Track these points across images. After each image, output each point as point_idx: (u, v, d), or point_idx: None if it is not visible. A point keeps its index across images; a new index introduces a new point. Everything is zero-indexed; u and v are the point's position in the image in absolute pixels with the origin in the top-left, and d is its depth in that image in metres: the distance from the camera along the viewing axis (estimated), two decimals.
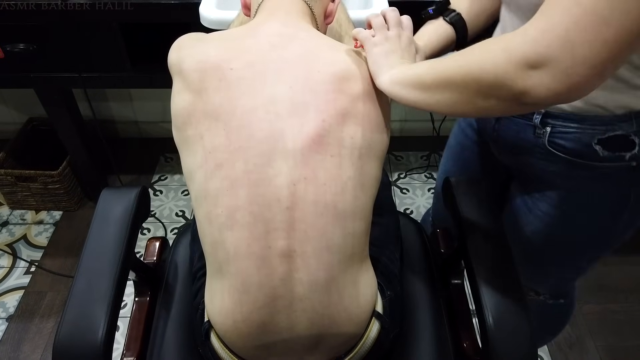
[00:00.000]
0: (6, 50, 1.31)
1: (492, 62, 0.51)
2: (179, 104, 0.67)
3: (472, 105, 0.56)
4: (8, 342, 1.48)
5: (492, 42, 0.53)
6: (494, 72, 0.51)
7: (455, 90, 0.56)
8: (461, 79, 0.55)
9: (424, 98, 0.60)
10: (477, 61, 0.53)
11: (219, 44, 0.68)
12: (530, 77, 0.48)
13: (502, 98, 0.52)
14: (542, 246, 0.91)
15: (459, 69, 0.56)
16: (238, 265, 0.62)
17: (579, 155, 0.75)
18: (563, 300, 1.08)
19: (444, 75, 0.58)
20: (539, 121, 0.76)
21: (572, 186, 0.81)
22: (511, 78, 0.49)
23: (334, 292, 0.63)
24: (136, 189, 0.81)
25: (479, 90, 0.54)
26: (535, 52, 0.47)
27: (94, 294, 0.69)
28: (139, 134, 2.15)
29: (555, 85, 0.47)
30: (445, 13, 0.85)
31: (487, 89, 0.53)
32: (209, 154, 0.62)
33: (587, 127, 0.72)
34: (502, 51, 0.50)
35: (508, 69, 0.49)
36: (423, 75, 0.61)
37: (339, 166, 0.62)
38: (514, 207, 0.93)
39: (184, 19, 1.21)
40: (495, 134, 0.87)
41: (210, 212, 0.63)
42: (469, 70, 0.54)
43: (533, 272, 0.99)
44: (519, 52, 0.49)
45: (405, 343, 0.80)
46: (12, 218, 1.84)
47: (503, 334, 0.68)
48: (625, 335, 1.49)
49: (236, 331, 0.64)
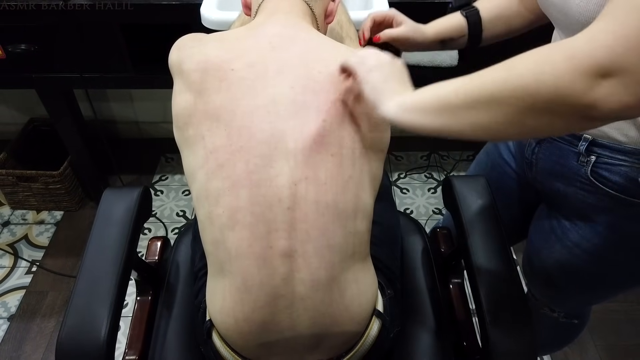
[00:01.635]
0: (7, 51, 1.31)
1: (552, 73, 0.44)
2: (180, 104, 0.67)
3: (518, 125, 0.48)
4: (10, 341, 1.48)
5: (546, 50, 0.46)
6: (555, 83, 0.44)
7: (498, 110, 0.48)
8: (509, 94, 0.47)
9: (454, 123, 0.52)
10: (531, 72, 0.45)
11: (219, 44, 0.68)
12: (600, 88, 0.42)
13: (561, 114, 0.45)
14: (566, 275, 0.87)
15: (504, 83, 0.47)
16: (239, 265, 0.62)
17: (622, 190, 0.70)
18: (577, 321, 1.06)
19: (483, 92, 0.49)
20: (584, 149, 0.71)
21: (609, 222, 0.76)
22: (578, 89, 0.43)
23: (335, 291, 0.63)
24: (138, 189, 0.82)
25: (532, 107, 0.46)
26: (610, 59, 0.42)
27: (96, 293, 0.70)
28: (140, 134, 2.15)
29: (627, 98, 0.42)
30: (465, 8, 0.86)
31: (543, 105, 0.45)
32: (210, 154, 0.63)
33: (636, 161, 0.67)
34: (566, 60, 0.43)
35: (575, 79, 0.43)
36: (450, 96, 0.52)
37: (340, 166, 0.63)
38: (542, 231, 0.89)
39: (185, 20, 1.22)
40: (533, 157, 0.82)
41: (211, 212, 0.63)
42: (520, 84, 0.46)
43: (553, 294, 0.97)
44: (588, 59, 0.42)
45: (405, 342, 0.80)
46: (13, 218, 1.84)
47: (503, 332, 0.68)
48: (624, 334, 1.50)
49: (237, 330, 0.65)
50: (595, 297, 0.95)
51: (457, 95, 0.51)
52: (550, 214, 0.87)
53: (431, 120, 0.53)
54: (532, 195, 0.94)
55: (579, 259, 0.82)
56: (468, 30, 0.87)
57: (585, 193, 0.75)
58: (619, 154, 0.68)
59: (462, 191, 0.84)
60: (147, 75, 1.41)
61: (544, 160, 0.81)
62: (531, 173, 0.86)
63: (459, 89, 0.52)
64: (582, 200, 0.76)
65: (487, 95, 0.49)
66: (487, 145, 1.05)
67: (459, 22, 0.87)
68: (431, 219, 1.84)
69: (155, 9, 1.23)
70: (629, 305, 1.57)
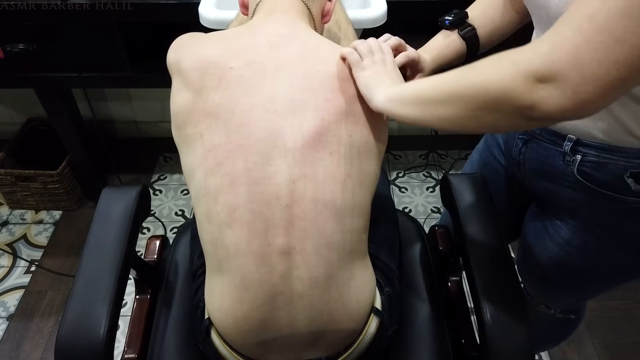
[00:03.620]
0: (6, 50, 1.31)
1: (499, 75, 0.50)
2: (178, 103, 0.67)
3: (476, 120, 0.54)
4: (9, 341, 1.48)
5: (501, 55, 0.51)
6: (501, 84, 0.49)
7: (459, 104, 0.54)
8: (466, 92, 0.53)
9: (426, 114, 0.58)
10: (485, 73, 0.52)
11: (218, 43, 0.69)
12: (538, 91, 0.47)
13: (508, 112, 0.50)
14: (560, 271, 0.88)
15: (465, 81, 0.54)
16: (238, 262, 0.62)
17: (609, 187, 0.71)
18: (573, 316, 1.07)
19: (448, 88, 0.56)
20: (569, 148, 0.72)
21: (598, 218, 0.77)
22: (518, 91, 0.48)
23: (334, 288, 0.64)
24: (137, 188, 0.82)
25: (484, 104, 0.52)
26: (544, 65, 0.46)
27: (95, 292, 0.70)
28: (138, 133, 2.15)
29: (563, 101, 0.46)
30: (461, 27, 0.84)
31: (492, 103, 0.51)
32: (209, 152, 0.63)
33: (621, 159, 0.68)
34: (511, 64, 0.49)
35: (516, 81, 0.48)
36: (424, 90, 0.59)
37: (338, 164, 0.63)
38: (534, 229, 0.90)
39: (183, 19, 1.22)
40: (521, 158, 0.83)
41: (209, 210, 0.64)
42: (475, 83, 0.52)
43: (548, 292, 0.97)
44: (528, 65, 0.47)
45: (403, 339, 0.80)
46: (12, 218, 1.84)
47: (501, 330, 0.69)
48: (622, 332, 1.50)
49: (236, 328, 0.65)
50: (590, 292, 0.96)
51: (429, 89, 0.59)
52: (541, 212, 0.88)
53: (409, 111, 0.60)
54: (523, 193, 0.94)
55: (572, 256, 0.83)
56: (467, 52, 0.85)
57: (573, 191, 0.76)
58: (604, 152, 0.69)
59: (460, 189, 0.84)
60: (146, 74, 1.41)
61: (531, 161, 0.81)
62: (520, 172, 0.86)
63: (431, 84, 0.59)
64: (570, 199, 0.77)
65: (449, 92, 0.56)
66: (479, 145, 1.06)
67: (458, 48, 0.84)
68: (430, 218, 1.85)
69: (154, 9, 1.23)
70: (627, 303, 1.57)
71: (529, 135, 0.80)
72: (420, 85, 0.61)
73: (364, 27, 1.09)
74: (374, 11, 1.07)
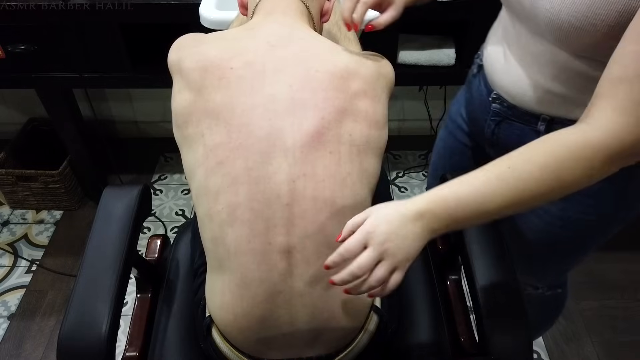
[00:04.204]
0: (7, 51, 1.32)
1: (582, 171, 0.53)
2: (179, 102, 0.68)
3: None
4: (10, 340, 1.49)
5: (570, 148, 0.53)
6: (588, 177, 0.53)
7: (534, 202, 0.56)
8: (544, 193, 0.55)
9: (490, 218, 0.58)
10: (565, 177, 0.54)
11: (218, 43, 0.69)
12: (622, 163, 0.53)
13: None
14: (543, 243, 0.91)
15: (540, 185, 0.54)
16: (238, 261, 0.63)
17: None
18: (560, 290, 1.10)
19: (513, 195, 0.55)
20: (544, 128, 0.75)
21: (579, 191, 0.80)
22: (607, 172, 0.53)
23: (333, 287, 0.64)
24: (138, 187, 0.82)
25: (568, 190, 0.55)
26: (625, 149, 0.51)
27: (97, 290, 0.70)
28: (139, 133, 2.15)
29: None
30: None
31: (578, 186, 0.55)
32: (209, 151, 0.64)
33: None
34: (590, 160, 0.52)
35: (604, 170, 0.53)
36: (483, 207, 0.56)
37: (338, 162, 0.63)
38: None
39: (184, 20, 1.22)
40: (494, 138, 0.86)
41: (210, 208, 0.64)
42: (557, 185, 0.54)
43: (534, 268, 0.99)
44: (608, 153, 0.51)
45: (403, 337, 0.81)
46: (13, 217, 1.85)
47: (499, 328, 0.69)
48: (621, 331, 1.51)
49: (237, 326, 0.65)
50: (572, 262, 0.99)
51: (491, 201, 0.55)
52: None
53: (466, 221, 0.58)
54: None
55: (550, 225, 0.86)
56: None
57: None
58: None
59: None
60: (146, 74, 1.41)
61: (505, 140, 0.83)
62: (495, 152, 0.88)
63: (494, 193, 0.55)
64: None
65: (523, 197, 0.55)
66: (441, 133, 1.09)
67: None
68: None
69: (155, 9, 1.23)
70: (626, 302, 1.58)
71: (500, 117, 0.83)
72: (474, 186, 0.56)
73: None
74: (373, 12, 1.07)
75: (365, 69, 0.70)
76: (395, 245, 0.54)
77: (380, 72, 0.72)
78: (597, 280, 1.63)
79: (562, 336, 1.50)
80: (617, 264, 1.68)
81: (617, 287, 1.62)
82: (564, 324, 1.52)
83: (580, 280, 1.63)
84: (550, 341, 1.49)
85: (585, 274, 1.65)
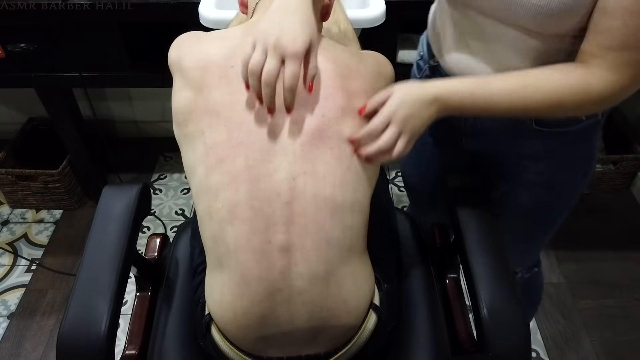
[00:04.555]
0: (7, 50, 1.32)
1: (574, 97, 0.64)
2: (179, 101, 0.68)
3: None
4: (10, 339, 1.49)
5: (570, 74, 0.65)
6: (575, 104, 0.65)
7: (532, 109, 0.68)
8: (539, 104, 0.66)
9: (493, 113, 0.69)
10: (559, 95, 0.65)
11: (218, 42, 0.69)
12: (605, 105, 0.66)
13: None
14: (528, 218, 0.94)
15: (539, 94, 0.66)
16: (238, 259, 0.63)
17: (564, 124, 0.78)
18: (537, 269, 1.12)
19: (519, 98, 0.66)
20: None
21: (552, 152, 0.84)
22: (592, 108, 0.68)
23: (333, 284, 0.64)
24: (137, 186, 0.82)
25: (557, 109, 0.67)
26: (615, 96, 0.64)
27: (96, 288, 0.70)
28: (139, 133, 2.16)
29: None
30: None
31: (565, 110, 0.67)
32: (210, 149, 0.64)
33: None
34: (586, 93, 0.64)
35: (591, 104, 0.65)
36: (495, 98, 0.67)
37: (339, 160, 0.64)
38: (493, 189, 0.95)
39: (184, 19, 1.22)
40: (474, 129, 0.87)
41: (210, 206, 0.64)
42: (547, 98, 0.65)
43: (515, 253, 1.02)
44: (600, 98, 0.64)
45: (402, 335, 0.81)
46: (12, 217, 1.85)
47: (498, 326, 0.69)
48: (619, 330, 1.51)
49: (236, 324, 0.65)
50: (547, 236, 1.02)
51: (501, 99, 0.67)
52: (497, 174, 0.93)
53: (474, 105, 0.68)
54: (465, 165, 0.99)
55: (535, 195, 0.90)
56: None
57: (531, 141, 0.82)
58: None
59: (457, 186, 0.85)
60: (146, 74, 1.41)
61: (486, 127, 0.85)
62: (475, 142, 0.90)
63: (502, 91, 0.67)
64: (529, 147, 0.84)
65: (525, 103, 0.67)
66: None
67: None
68: None
69: (154, 9, 1.23)
70: (624, 300, 1.58)
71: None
72: (489, 91, 0.67)
73: (362, 27, 1.10)
74: (373, 11, 1.08)
75: (365, 67, 0.70)
76: (412, 124, 0.66)
77: (380, 71, 0.72)
78: (596, 280, 1.64)
79: (561, 335, 1.50)
80: (616, 262, 1.68)
81: (615, 286, 1.62)
82: (563, 323, 1.52)
83: (579, 279, 1.64)
84: (549, 340, 1.49)
85: (584, 274, 1.65)
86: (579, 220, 1.77)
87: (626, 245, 1.73)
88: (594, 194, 1.90)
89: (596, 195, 1.90)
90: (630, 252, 1.72)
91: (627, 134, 1.84)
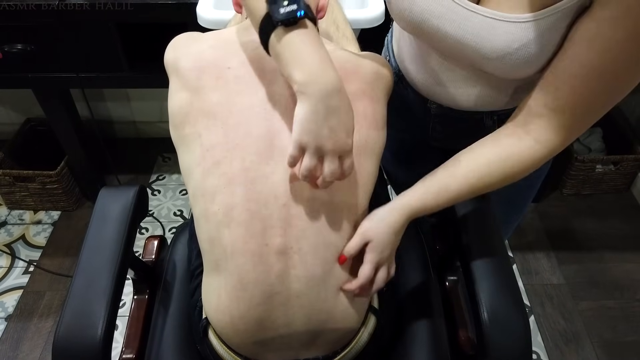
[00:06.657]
0: (4, 51, 1.31)
1: (524, 167, 0.67)
2: (176, 102, 0.67)
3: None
4: (7, 341, 1.48)
5: (515, 163, 0.67)
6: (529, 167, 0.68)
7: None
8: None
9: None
10: (502, 178, 0.68)
11: (215, 43, 0.69)
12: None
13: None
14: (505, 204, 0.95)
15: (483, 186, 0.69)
16: (235, 262, 0.62)
17: None
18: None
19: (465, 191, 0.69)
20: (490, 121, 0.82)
21: None
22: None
23: (331, 287, 0.64)
24: (134, 188, 0.82)
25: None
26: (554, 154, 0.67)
27: (93, 291, 0.70)
28: (137, 134, 2.15)
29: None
30: None
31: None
32: (206, 151, 0.63)
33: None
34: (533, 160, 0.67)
35: (537, 167, 0.68)
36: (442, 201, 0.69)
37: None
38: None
39: (181, 19, 1.22)
40: (440, 136, 0.89)
41: (207, 209, 0.64)
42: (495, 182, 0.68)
43: None
44: (545, 159, 0.67)
45: (401, 338, 0.80)
46: (10, 218, 1.84)
47: (498, 329, 0.69)
48: (620, 331, 1.51)
49: (233, 328, 0.65)
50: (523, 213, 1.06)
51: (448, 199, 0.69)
52: None
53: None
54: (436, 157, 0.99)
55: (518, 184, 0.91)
56: None
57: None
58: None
59: None
60: (144, 74, 1.41)
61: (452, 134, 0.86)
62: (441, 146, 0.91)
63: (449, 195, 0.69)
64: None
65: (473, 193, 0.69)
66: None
67: None
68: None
69: (152, 9, 1.23)
70: (625, 302, 1.58)
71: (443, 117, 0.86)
72: (450, 193, 0.69)
73: (361, 27, 1.09)
74: (372, 11, 1.07)
75: (364, 69, 0.70)
76: (392, 251, 0.69)
77: (379, 72, 0.72)
78: (597, 281, 1.63)
79: (561, 337, 1.49)
80: (616, 264, 1.68)
81: (616, 287, 1.62)
82: (564, 325, 1.52)
83: (579, 280, 1.63)
84: (550, 342, 1.48)
85: (584, 275, 1.65)
86: (580, 221, 1.76)
87: (627, 246, 1.73)
88: (595, 194, 1.90)
89: (597, 196, 1.90)
90: (631, 253, 1.71)
91: (628, 135, 1.84)
